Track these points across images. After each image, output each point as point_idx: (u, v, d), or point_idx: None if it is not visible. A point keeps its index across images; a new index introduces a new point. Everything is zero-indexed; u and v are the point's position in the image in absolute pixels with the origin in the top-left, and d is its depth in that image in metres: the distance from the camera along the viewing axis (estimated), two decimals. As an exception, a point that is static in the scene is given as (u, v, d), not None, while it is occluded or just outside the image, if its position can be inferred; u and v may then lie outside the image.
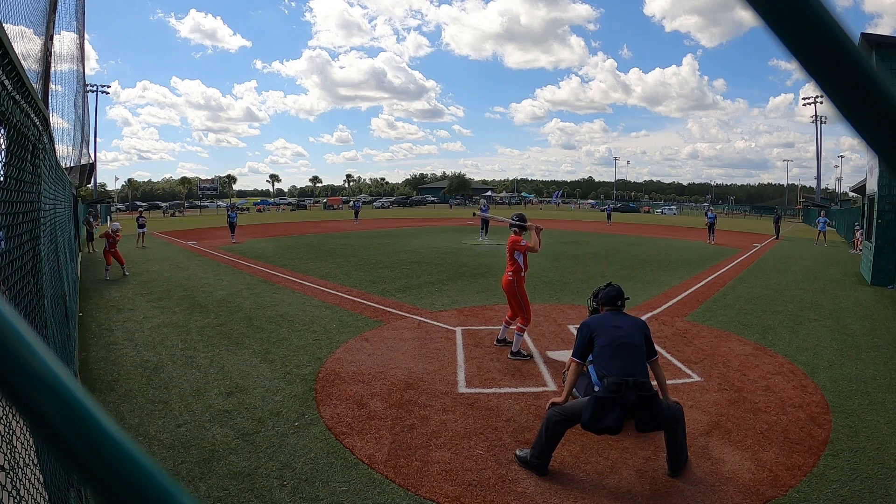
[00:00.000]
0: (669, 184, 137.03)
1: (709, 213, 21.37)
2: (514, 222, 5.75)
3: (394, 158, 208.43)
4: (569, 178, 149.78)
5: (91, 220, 18.46)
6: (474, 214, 11.38)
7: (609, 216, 35.25)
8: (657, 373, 3.43)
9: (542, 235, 5.61)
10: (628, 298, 3.76)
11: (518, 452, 3.51)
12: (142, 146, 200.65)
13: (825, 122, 54.50)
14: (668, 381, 4.83)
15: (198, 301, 8.56)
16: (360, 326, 6.83)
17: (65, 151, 8.42)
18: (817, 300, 8.97)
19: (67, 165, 9.48)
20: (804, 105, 56.54)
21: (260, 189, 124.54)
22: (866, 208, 12.92)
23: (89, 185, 43.58)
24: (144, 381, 4.92)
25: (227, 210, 22.31)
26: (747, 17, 0.26)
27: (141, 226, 17.75)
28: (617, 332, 3.31)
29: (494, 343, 6.03)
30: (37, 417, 0.25)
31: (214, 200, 69.46)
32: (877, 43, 10.50)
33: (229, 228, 19.25)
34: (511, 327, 5.87)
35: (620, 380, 3.08)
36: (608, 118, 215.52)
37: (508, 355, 5.54)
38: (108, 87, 51.22)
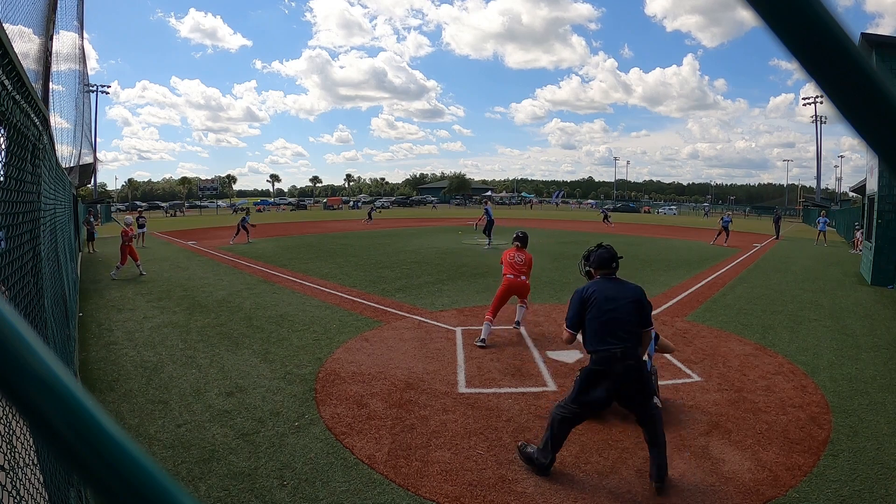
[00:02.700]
0: (669, 184, 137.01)
1: (724, 216, 20.88)
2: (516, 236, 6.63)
3: (394, 158, 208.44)
4: (569, 178, 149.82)
5: (91, 220, 18.48)
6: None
7: (606, 217, 31.68)
8: (644, 343, 3.27)
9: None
10: (622, 258, 3.49)
11: (521, 445, 3.41)
12: (142, 146, 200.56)
13: (825, 122, 54.50)
14: (669, 382, 4.85)
15: (198, 301, 8.56)
16: (360, 326, 6.83)
17: (65, 151, 8.42)
18: (817, 300, 8.97)
19: (67, 165, 9.48)
20: (804, 105, 56.54)
21: (260, 189, 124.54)
22: (866, 208, 12.93)
23: (89, 185, 43.58)
24: (144, 381, 4.92)
25: (241, 210, 22.16)
26: (748, 16, 0.26)
27: (141, 226, 17.77)
28: (608, 306, 3.15)
29: (514, 326, 6.61)
30: (37, 417, 0.25)
31: (214, 200, 69.35)
32: (877, 43, 10.50)
33: (237, 229, 19.04)
34: (520, 313, 6.69)
35: (608, 353, 3.04)
36: (608, 118, 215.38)
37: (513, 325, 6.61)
38: (108, 87, 51.20)
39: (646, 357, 3.60)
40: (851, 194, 37.17)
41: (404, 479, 3.26)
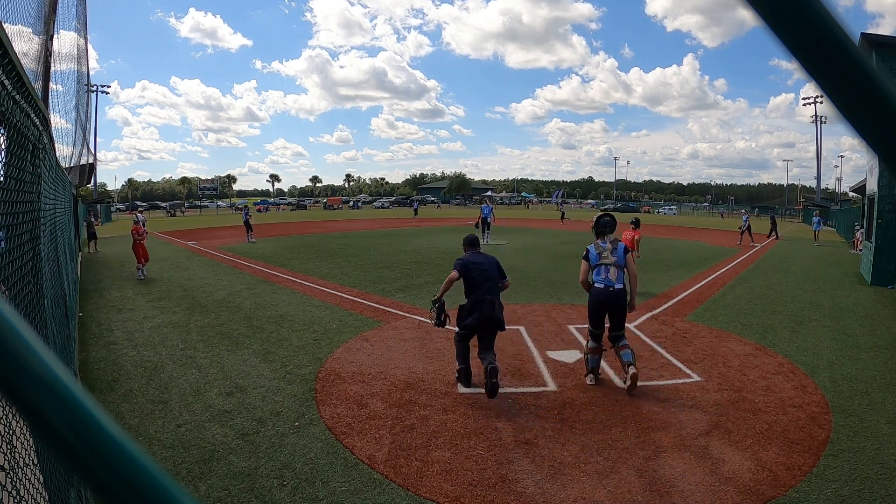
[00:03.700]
0: (669, 184, 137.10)
1: (744, 216, 21.39)
2: None
3: (394, 158, 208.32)
4: (569, 178, 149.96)
5: (92, 219, 18.43)
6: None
7: (563, 215, 30.89)
8: (504, 285, 4.90)
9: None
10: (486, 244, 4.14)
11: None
12: (142, 146, 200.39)
13: (825, 122, 54.45)
14: (668, 381, 4.89)
15: (198, 301, 8.56)
16: (360, 326, 6.83)
17: (65, 151, 8.41)
18: (817, 300, 8.97)
19: (67, 165, 9.47)
20: (804, 105, 56.45)
21: (260, 189, 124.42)
22: (866, 208, 12.93)
23: (89, 185, 43.56)
24: (144, 381, 4.93)
25: (243, 209, 22.16)
26: (749, 16, 0.26)
27: None
28: (481, 268, 4.79)
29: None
30: (37, 417, 0.25)
31: (214, 200, 69.35)
32: (877, 43, 10.50)
33: (246, 227, 18.94)
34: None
35: (483, 297, 4.66)
36: (609, 118, 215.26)
37: None
38: (108, 87, 51.18)
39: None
40: (851, 194, 37.22)
41: (404, 479, 3.26)
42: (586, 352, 4.92)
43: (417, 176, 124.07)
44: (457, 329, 4.87)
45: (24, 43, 2.90)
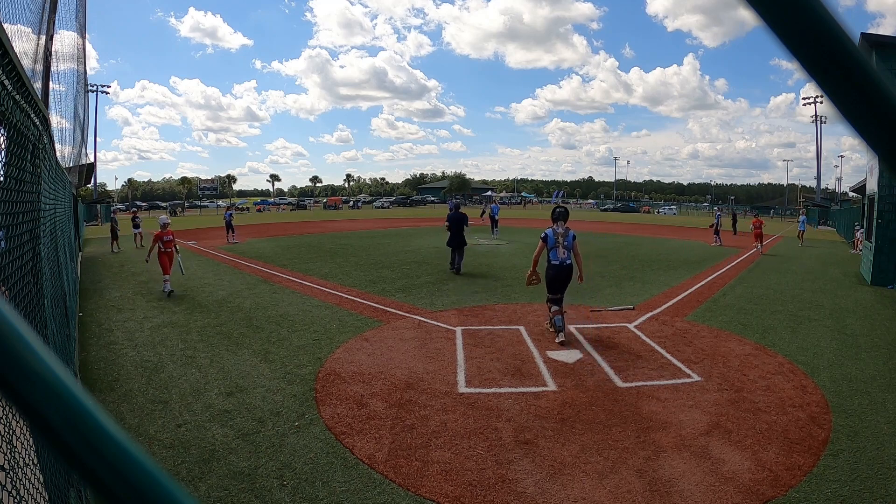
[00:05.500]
0: (669, 184, 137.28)
1: (716, 214, 20.68)
2: None
3: (394, 158, 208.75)
4: (569, 178, 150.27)
5: (115, 218, 18.28)
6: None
7: (483, 212, 28.01)
8: (468, 227, 11.14)
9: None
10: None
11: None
12: (142, 146, 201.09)
13: (825, 122, 54.48)
14: (668, 381, 4.90)
15: (198, 301, 8.56)
16: (360, 326, 6.83)
17: (65, 151, 8.41)
18: (817, 300, 8.97)
19: (67, 165, 9.47)
20: (804, 105, 56.46)
21: (260, 189, 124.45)
22: (866, 208, 12.93)
23: (89, 186, 43.53)
24: (144, 381, 4.93)
25: (226, 209, 22.34)
26: (749, 16, 0.26)
27: (136, 226, 17.86)
28: (454, 221, 11.13)
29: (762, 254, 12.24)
30: (37, 417, 0.25)
31: (214, 200, 69.37)
32: (877, 43, 10.50)
33: (226, 227, 18.99)
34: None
35: (453, 233, 11.21)
36: (609, 118, 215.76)
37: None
38: (108, 87, 51.16)
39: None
40: (851, 194, 37.23)
41: (404, 479, 3.26)
42: (552, 315, 6.20)
43: (417, 176, 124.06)
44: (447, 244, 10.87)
45: (24, 43, 2.89)
